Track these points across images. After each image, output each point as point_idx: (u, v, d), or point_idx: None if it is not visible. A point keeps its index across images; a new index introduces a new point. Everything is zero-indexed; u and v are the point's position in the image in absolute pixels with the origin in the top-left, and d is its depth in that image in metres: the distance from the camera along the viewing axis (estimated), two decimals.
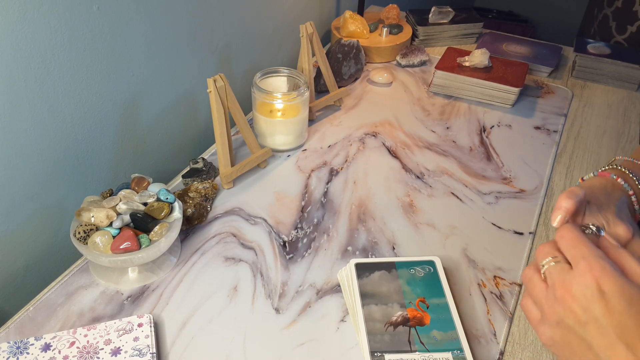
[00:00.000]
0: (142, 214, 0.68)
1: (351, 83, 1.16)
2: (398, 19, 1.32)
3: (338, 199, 0.84)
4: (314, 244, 0.76)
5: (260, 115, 0.91)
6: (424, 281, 0.67)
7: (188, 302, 0.67)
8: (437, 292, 0.66)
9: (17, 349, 0.59)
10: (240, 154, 0.93)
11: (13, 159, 0.67)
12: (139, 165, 0.88)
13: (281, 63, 1.22)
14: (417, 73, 1.21)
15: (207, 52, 0.95)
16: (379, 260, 0.70)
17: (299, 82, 0.93)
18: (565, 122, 1.06)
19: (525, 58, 1.23)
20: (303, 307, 0.67)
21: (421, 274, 0.69)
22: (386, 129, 1.01)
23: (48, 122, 0.69)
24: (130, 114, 0.82)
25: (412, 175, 0.90)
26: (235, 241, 0.76)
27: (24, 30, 0.61)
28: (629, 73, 1.17)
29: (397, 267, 0.69)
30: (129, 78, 0.80)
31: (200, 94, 0.97)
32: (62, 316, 0.65)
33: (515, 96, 1.08)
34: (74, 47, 0.68)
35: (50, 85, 0.67)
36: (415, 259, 0.71)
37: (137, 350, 0.59)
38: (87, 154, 0.77)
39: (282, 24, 1.16)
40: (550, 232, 0.80)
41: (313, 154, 0.94)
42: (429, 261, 0.70)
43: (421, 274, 0.69)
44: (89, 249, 0.64)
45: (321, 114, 1.05)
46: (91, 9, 0.69)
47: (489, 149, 0.97)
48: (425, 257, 0.71)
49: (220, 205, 0.83)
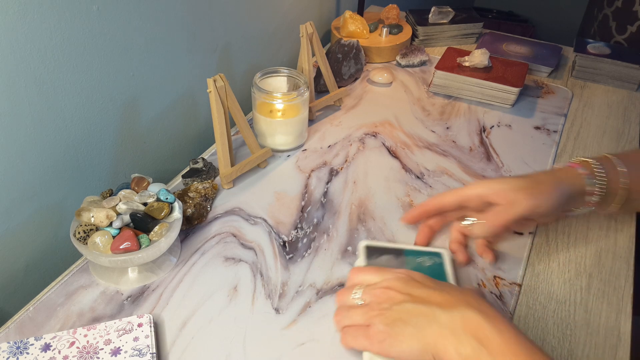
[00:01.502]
0: (142, 214, 0.68)
1: (351, 83, 1.16)
2: (398, 19, 1.32)
3: (338, 199, 0.84)
4: (314, 244, 0.76)
5: (260, 115, 0.91)
6: (429, 270, 0.67)
7: (188, 302, 0.67)
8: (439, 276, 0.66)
9: (17, 349, 0.59)
10: (240, 154, 0.93)
11: (13, 159, 0.67)
12: (139, 165, 0.88)
13: (281, 63, 1.22)
14: (417, 73, 1.22)
15: (207, 52, 0.95)
16: (389, 245, 0.71)
17: (299, 82, 0.93)
18: (565, 122, 1.07)
19: (525, 58, 1.23)
20: (303, 307, 0.67)
21: (428, 263, 0.68)
22: (386, 129, 1.01)
23: (48, 122, 0.69)
24: (130, 114, 0.82)
25: (412, 175, 0.90)
26: (235, 241, 0.76)
27: (24, 30, 0.61)
28: (629, 73, 1.17)
29: (405, 254, 0.69)
30: (129, 78, 0.80)
31: (200, 94, 0.97)
32: (62, 316, 0.65)
33: (515, 96, 1.08)
34: (74, 47, 0.68)
35: (50, 85, 0.67)
36: (424, 249, 0.71)
37: (137, 350, 0.59)
38: (87, 154, 0.77)
39: (282, 24, 1.16)
40: (550, 232, 0.80)
41: (313, 154, 0.94)
42: (437, 253, 0.70)
43: (428, 263, 0.68)
44: (89, 249, 0.65)
45: (321, 114, 1.05)
46: (91, 9, 0.69)
47: (488, 149, 0.97)
48: (434, 249, 0.71)
49: (220, 205, 0.83)
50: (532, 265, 0.75)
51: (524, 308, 0.69)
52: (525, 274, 0.73)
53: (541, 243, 0.79)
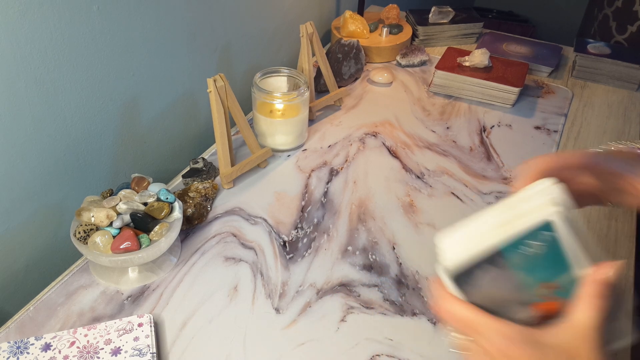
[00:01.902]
0: (142, 214, 0.68)
1: (351, 83, 1.16)
2: (398, 19, 1.32)
3: (338, 198, 0.84)
4: (314, 244, 0.76)
5: (260, 115, 0.91)
6: (547, 263, 0.42)
7: (188, 302, 0.67)
8: (562, 264, 0.41)
9: (18, 349, 0.59)
10: (240, 154, 0.93)
11: (13, 159, 0.67)
12: (139, 165, 0.88)
13: (281, 63, 1.22)
14: (417, 73, 1.21)
15: (207, 52, 0.95)
16: (477, 249, 0.41)
17: (299, 82, 0.93)
18: (566, 122, 1.06)
19: (525, 58, 1.23)
20: (303, 307, 0.67)
21: (540, 252, 0.42)
22: (386, 129, 1.01)
23: (48, 122, 0.69)
24: (130, 114, 0.82)
25: (412, 175, 0.90)
26: (235, 241, 0.76)
27: (24, 30, 0.61)
28: (629, 73, 1.17)
29: (504, 255, 0.42)
30: (129, 78, 0.80)
31: (200, 94, 0.97)
32: (62, 316, 0.65)
33: (516, 96, 1.08)
34: (74, 47, 0.68)
35: (50, 85, 0.67)
36: (523, 225, 0.41)
37: (137, 350, 0.59)
38: (87, 154, 0.77)
39: (282, 24, 1.16)
40: None
41: (313, 154, 0.94)
42: (544, 224, 0.40)
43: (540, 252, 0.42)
44: (89, 249, 0.64)
45: (321, 114, 1.05)
46: (91, 8, 0.69)
47: (489, 148, 0.97)
48: (535, 222, 0.40)
49: (220, 205, 0.83)
50: None
51: None
52: None
53: None
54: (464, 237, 0.43)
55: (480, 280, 0.43)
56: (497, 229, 0.42)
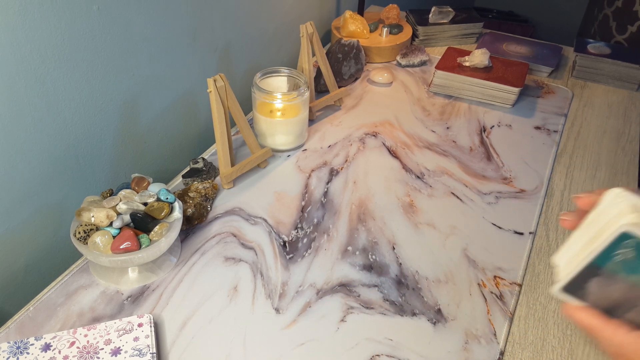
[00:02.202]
0: (142, 214, 0.68)
1: (351, 83, 1.16)
2: (398, 19, 1.32)
3: (338, 199, 0.84)
4: (314, 244, 0.76)
5: (260, 115, 0.91)
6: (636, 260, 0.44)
7: (188, 302, 0.67)
8: None
9: (17, 349, 0.59)
10: (240, 154, 0.93)
11: (13, 159, 0.67)
12: (139, 165, 0.88)
13: (281, 63, 1.22)
14: (417, 73, 1.21)
15: (207, 52, 0.95)
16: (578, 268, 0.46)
17: (299, 82, 0.93)
18: (566, 122, 1.06)
19: (525, 58, 1.23)
20: (303, 307, 0.67)
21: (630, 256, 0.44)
22: (386, 129, 1.01)
23: (48, 122, 0.69)
24: (130, 114, 0.82)
25: (412, 175, 0.90)
26: (235, 241, 0.76)
27: (24, 30, 0.61)
28: (629, 73, 1.17)
29: (599, 263, 0.45)
30: (129, 78, 0.80)
31: (200, 94, 0.97)
32: (62, 316, 0.65)
33: (516, 96, 1.08)
34: (74, 47, 0.68)
35: (50, 85, 0.67)
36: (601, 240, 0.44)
37: (137, 350, 0.59)
38: (87, 154, 0.77)
39: (282, 24, 1.16)
40: (550, 232, 0.80)
41: (313, 154, 0.94)
42: (621, 236, 0.42)
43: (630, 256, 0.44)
44: (89, 249, 0.64)
45: (321, 114, 1.05)
46: (91, 8, 0.69)
47: (489, 149, 0.97)
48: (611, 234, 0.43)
49: (220, 205, 0.83)
50: (532, 265, 0.75)
51: (524, 308, 0.69)
52: (525, 274, 0.73)
53: (541, 243, 0.79)
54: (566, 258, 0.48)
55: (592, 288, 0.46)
56: (587, 247, 0.46)
